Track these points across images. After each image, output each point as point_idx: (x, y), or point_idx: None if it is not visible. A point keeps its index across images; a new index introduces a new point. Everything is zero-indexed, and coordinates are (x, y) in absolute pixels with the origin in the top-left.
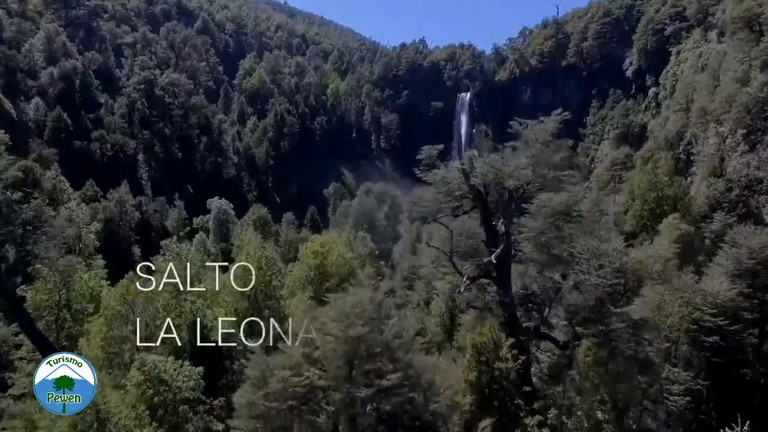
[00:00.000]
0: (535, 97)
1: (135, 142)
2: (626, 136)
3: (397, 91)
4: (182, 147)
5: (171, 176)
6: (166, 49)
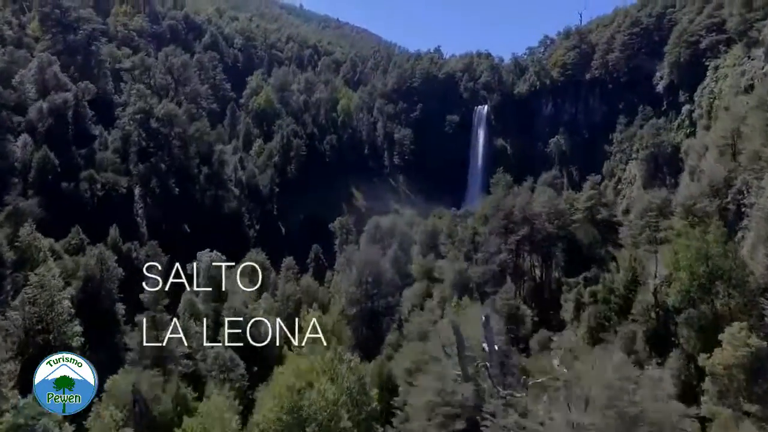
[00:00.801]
0: (557, 111)
1: (128, 180)
2: (656, 156)
3: (411, 104)
4: (181, 180)
5: (168, 213)
6: (165, 75)
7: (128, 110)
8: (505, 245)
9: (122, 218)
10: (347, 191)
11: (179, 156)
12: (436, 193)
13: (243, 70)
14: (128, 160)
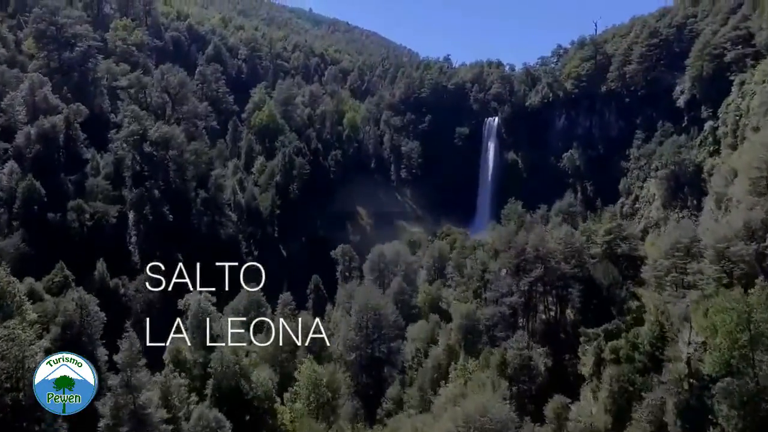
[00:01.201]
0: (571, 125)
1: (118, 208)
2: (677, 175)
3: (419, 116)
4: (176, 206)
5: (162, 241)
6: (162, 93)
7: (121, 133)
8: (516, 286)
9: (113, 249)
10: (352, 208)
11: (175, 180)
12: (445, 207)
13: (247, 81)
14: (121, 186)
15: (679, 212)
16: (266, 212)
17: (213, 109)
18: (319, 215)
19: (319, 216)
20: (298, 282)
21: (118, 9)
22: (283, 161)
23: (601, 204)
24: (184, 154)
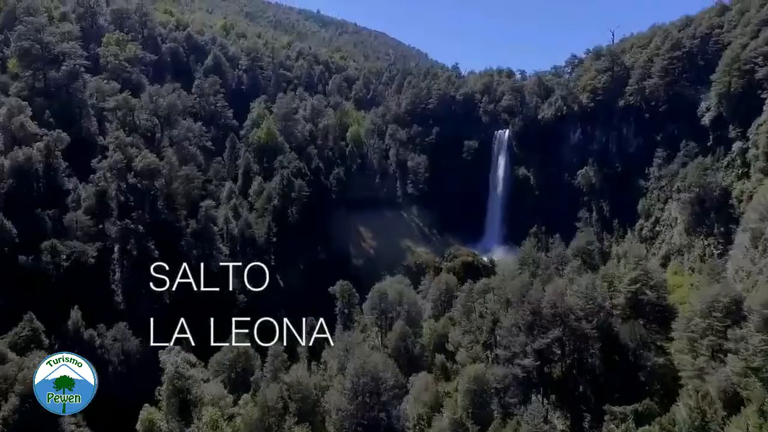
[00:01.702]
0: (586, 140)
1: (97, 248)
2: (703, 200)
3: (426, 128)
4: (163, 240)
5: (146, 280)
6: (151, 116)
7: (105, 162)
8: (531, 346)
9: (92, 292)
10: (355, 229)
11: (163, 211)
12: (453, 225)
13: (248, 93)
14: (104, 219)
15: (704, 239)
16: (262, 240)
17: (211, 124)
18: (320, 239)
19: (320, 240)
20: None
21: (113, 21)
22: (281, 184)
23: (619, 225)
24: (173, 183)
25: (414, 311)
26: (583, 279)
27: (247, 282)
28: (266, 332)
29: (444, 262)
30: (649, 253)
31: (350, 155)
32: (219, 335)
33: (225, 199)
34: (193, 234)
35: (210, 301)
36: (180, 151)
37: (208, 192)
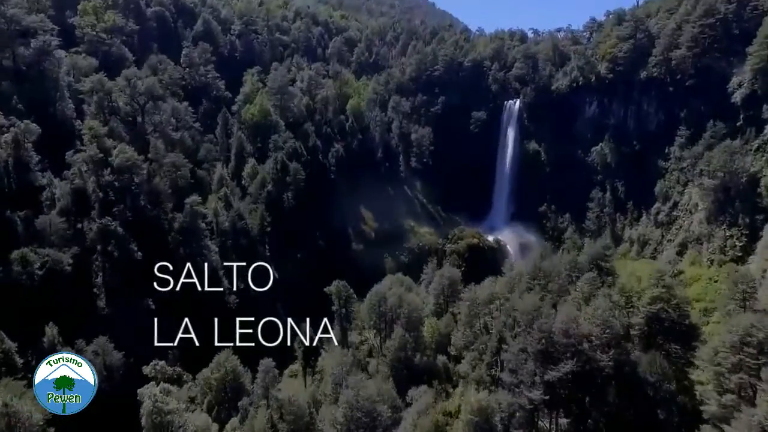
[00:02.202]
0: (603, 114)
1: (73, 254)
2: (728, 187)
3: (431, 97)
4: (147, 240)
5: (129, 285)
6: (129, 101)
7: (79, 155)
8: (541, 379)
9: (74, 301)
10: (355, 211)
11: (146, 206)
12: (457, 202)
13: (241, 61)
14: (82, 218)
15: (726, 229)
16: (255, 231)
17: (202, 97)
18: (318, 225)
19: (318, 225)
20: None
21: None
22: (275, 168)
23: (633, 207)
24: (156, 176)
25: (414, 316)
26: (598, 300)
27: (250, 281)
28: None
29: (448, 244)
30: (665, 239)
31: (350, 130)
32: (221, 336)
33: (215, 186)
34: (180, 231)
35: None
36: (164, 137)
37: (197, 178)
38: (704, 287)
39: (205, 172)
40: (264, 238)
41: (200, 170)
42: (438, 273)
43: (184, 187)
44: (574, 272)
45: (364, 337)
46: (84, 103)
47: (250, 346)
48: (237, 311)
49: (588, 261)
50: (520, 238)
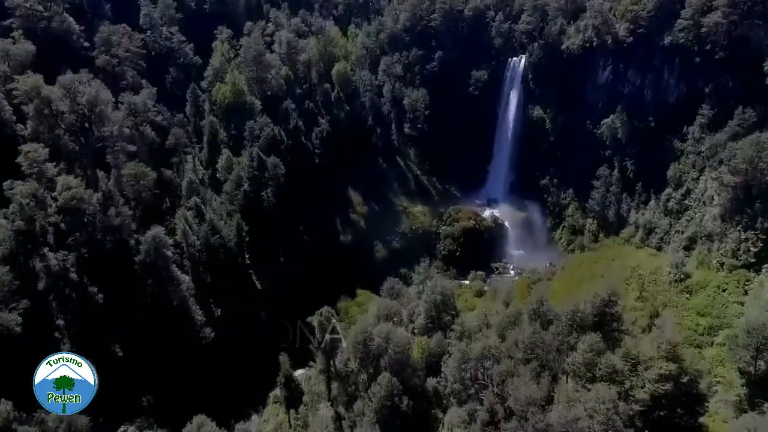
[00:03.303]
0: (617, 80)
1: (23, 308)
2: (750, 186)
3: (427, 51)
4: (107, 279)
5: (91, 332)
6: (71, 112)
7: (17, 188)
8: None
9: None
10: (343, 195)
11: (104, 239)
12: (454, 172)
13: (211, 16)
14: (30, 259)
15: (742, 231)
16: (232, 243)
17: (167, 65)
18: (302, 219)
19: (302, 220)
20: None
21: None
22: (251, 164)
23: (642, 189)
24: (109, 208)
25: (403, 355)
26: (600, 390)
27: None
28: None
29: (443, 226)
30: (673, 228)
31: (336, 101)
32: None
33: (185, 191)
34: (144, 266)
35: (176, 340)
36: (117, 152)
37: (164, 181)
38: (711, 298)
39: (173, 173)
40: (242, 247)
41: (167, 170)
42: (429, 285)
43: (149, 199)
44: (576, 328)
45: (349, 368)
46: (24, 103)
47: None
48: (214, 343)
49: (592, 314)
50: (520, 213)
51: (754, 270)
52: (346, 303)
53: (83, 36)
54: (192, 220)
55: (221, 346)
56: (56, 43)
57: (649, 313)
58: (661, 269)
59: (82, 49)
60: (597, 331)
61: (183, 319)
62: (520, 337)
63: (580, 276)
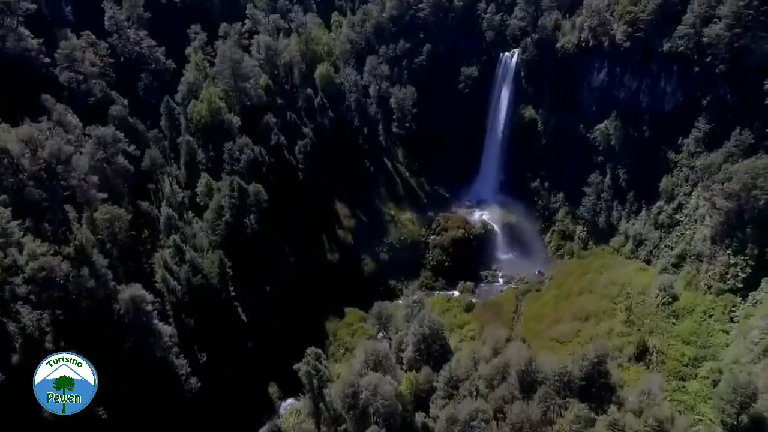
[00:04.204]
0: (612, 84)
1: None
2: (743, 210)
3: (415, 44)
4: (85, 339)
5: None
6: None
7: None
8: None
9: None
10: (329, 208)
11: (79, 297)
12: (443, 171)
13: (183, 10)
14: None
15: (731, 256)
16: (215, 281)
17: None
18: (287, 241)
19: (288, 241)
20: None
21: None
22: (231, 193)
23: (634, 198)
24: (82, 268)
25: (392, 407)
26: None
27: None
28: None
29: (431, 236)
30: (663, 242)
31: (320, 108)
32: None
33: (163, 227)
34: (122, 325)
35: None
36: (87, 199)
37: (141, 214)
38: (697, 324)
39: (149, 205)
40: (226, 282)
41: (143, 202)
42: (418, 317)
43: (125, 240)
44: (563, 389)
45: (338, 412)
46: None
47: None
48: (199, 394)
49: (580, 376)
50: (509, 214)
51: (740, 295)
52: (335, 324)
53: (43, 50)
54: (171, 261)
55: (207, 395)
56: (12, 64)
57: (636, 343)
58: (649, 288)
59: (42, 67)
60: (584, 399)
61: (165, 374)
62: (507, 409)
63: (569, 288)
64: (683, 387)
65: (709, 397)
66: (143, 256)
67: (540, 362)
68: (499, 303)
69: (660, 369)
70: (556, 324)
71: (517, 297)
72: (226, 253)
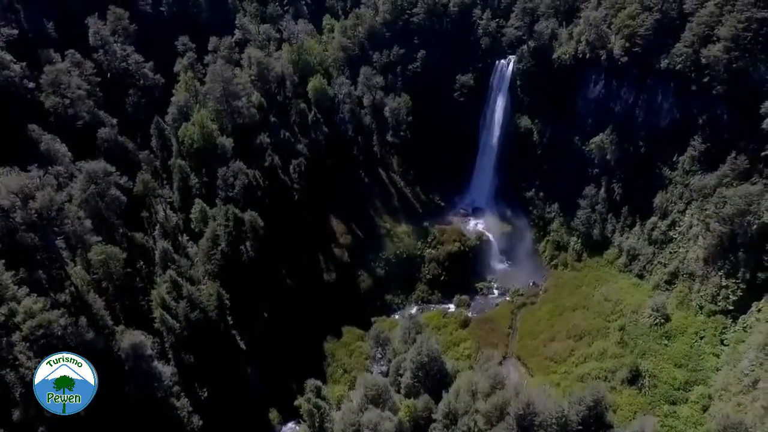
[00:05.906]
0: (608, 96)
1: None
2: (736, 234)
3: (410, 50)
4: None
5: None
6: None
7: None
8: None
9: None
10: (325, 230)
11: (78, 348)
12: (437, 179)
13: (170, 19)
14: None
15: (723, 278)
16: (214, 313)
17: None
18: (283, 262)
19: (283, 263)
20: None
21: None
22: (226, 222)
23: (628, 213)
24: (79, 317)
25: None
26: None
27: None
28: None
29: (427, 249)
30: (656, 258)
31: (314, 123)
32: None
33: (159, 259)
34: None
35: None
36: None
37: (136, 246)
38: (689, 346)
39: (144, 236)
40: (224, 314)
41: (138, 233)
42: (415, 347)
43: (123, 282)
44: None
45: None
46: None
47: None
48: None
49: (577, 420)
50: (504, 223)
51: (731, 317)
52: (332, 344)
53: (27, 74)
54: (168, 298)
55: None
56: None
57: (629, 366)
58: (642, 307)
59: (27, 93)
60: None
61: (167, 416)
62: None
63: (563, 303)
64: (674, 412)
65: (699, 422)
66: (140, 293)
67: (537, 403)
68: (494, 318)
69: (652, 393)
70: (550, 342)
71: (512, 311)
72: (222, 282)
